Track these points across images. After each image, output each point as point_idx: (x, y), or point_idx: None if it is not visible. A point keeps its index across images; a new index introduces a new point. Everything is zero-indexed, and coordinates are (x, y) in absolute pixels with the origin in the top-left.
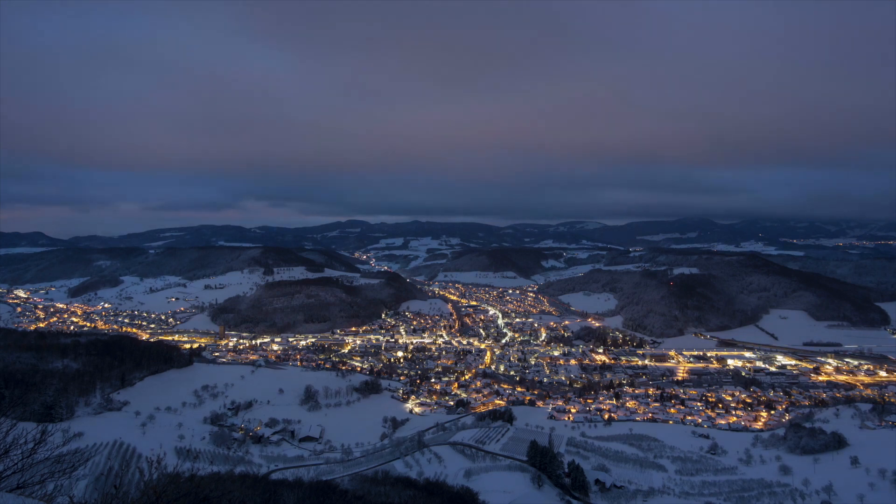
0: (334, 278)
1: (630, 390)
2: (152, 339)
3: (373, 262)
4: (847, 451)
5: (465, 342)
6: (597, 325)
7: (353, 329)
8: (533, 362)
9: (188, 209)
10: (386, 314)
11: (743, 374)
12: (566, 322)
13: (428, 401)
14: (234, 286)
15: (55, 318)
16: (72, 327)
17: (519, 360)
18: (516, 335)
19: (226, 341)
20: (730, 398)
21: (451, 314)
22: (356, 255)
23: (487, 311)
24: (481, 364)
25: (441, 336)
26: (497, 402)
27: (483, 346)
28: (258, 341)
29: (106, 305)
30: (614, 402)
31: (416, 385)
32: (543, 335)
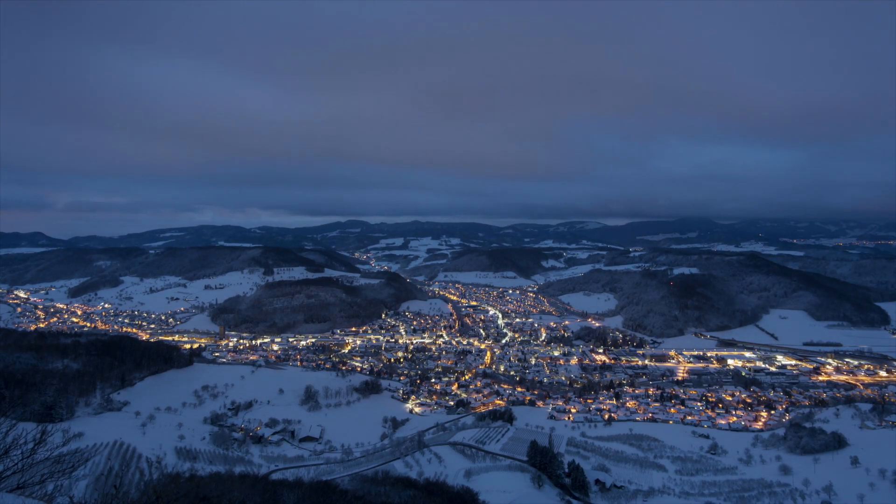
0: (334, 278)
1: (630, 390)
2: (152, 340)
3: (373, 262)
4: (847, 451)
5: (465, 342)
6: (597, 325)
7: (353, 329)
8: (533, 362)
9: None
10: (386, 314)
11: (743, 374)
12: (566, 322)
13: (428, 401)
14: (234, 286)
15: (55, 319)
16: (73, 328)
17: (519, 360)
18: (516, 335)
19: (226, 341)
20: (730, 398)
21: (451, 314)
22: (356, 255)
23: (487, 311)
24: (481, 364)
25: (441, 336)
26: (497, 402)
27: (483, 347)
28: (258, 341)
29: (106, 306)
30: (614, 402)
31: (416, 385)
32: (543, 335)
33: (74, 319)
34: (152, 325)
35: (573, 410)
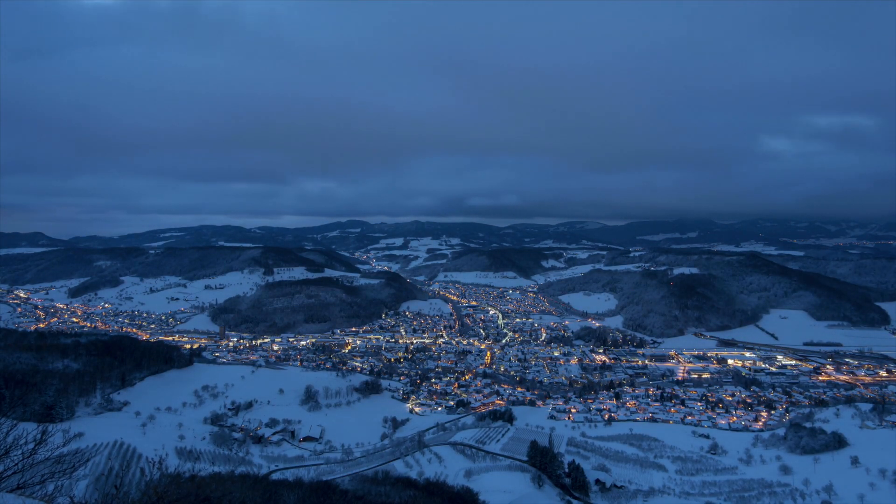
0: (334, 278)
1: (630, 390)
2: (152, 340)
3: (373, 262)
4: (847, 451)
5: (465, 342)
6: (597, 325)
7: (354, 329)
8: (533, 362)
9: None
10: (386, 314)
11: (743, 374)
12: (566, 322)
13: (428, 401)
14: (234, 286)
15: (55, 319)
16: (73, 328)
17: (519, 360)
18: (516, 335)
19: (226, 341)
20: (730, 398)
21: (452, 314)
22: (356, 255)
23: (487, 312)
24: (481, 364)
25: (441, 336)
26: (497, 402)
27: (483, 347)
28: (258, 341)
29: (106, 306)
30: (614, 402)
31: (416, 385)
32: (543, 335)
33: (74, 319)
34: (152, 325)
35: (573, 410)
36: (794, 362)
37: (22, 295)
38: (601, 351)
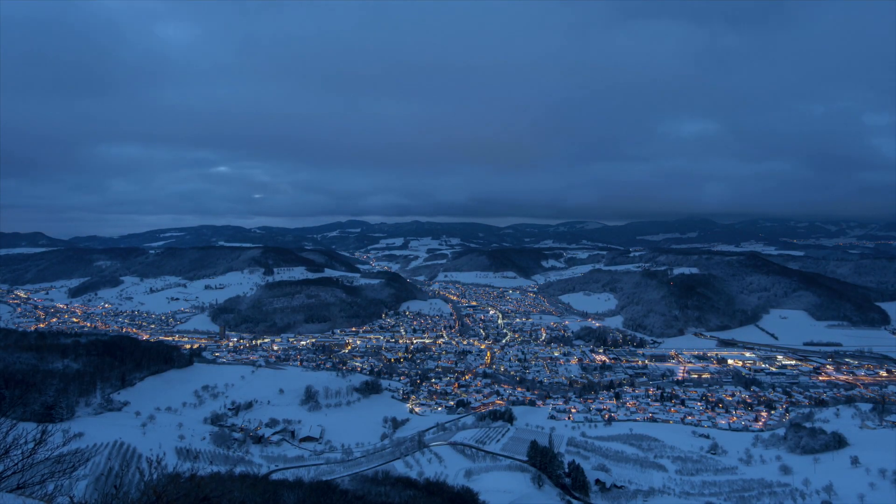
0: (334, 278)
1: (630, 390)
2: (152, 340)
3: (373, 262)
4: (847, 451)
5: (465, 342)
6: (597, 325)
7: (354, 329)
8: (533, 362)
9: None
10: (386, 314)
11: (743, 374)
12: (566, 322)
13: (428, 401)
14: (234, 286)
15: (55, 319)
16: (73, 328)
17: (519, 360)
18: (516, 335)
19: (226, 341)
20: (730, 398)
21: (452, 314)
22: (356, 255)
23: (487, 312)
24: (481, 364)
25: (441, 336)
26: (497, 402)
27: (483, 347)
28: (258, 341)
29: (106, 306)
30: (614, 402)
31: (416, 385)
32: (544, 335)
33: (74, 319)
34: (152, 325)
35: (573, 410)
36: (794, 362)
37: (22, 295)
38: (601, 351)
